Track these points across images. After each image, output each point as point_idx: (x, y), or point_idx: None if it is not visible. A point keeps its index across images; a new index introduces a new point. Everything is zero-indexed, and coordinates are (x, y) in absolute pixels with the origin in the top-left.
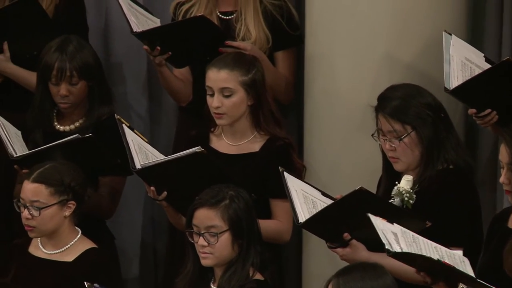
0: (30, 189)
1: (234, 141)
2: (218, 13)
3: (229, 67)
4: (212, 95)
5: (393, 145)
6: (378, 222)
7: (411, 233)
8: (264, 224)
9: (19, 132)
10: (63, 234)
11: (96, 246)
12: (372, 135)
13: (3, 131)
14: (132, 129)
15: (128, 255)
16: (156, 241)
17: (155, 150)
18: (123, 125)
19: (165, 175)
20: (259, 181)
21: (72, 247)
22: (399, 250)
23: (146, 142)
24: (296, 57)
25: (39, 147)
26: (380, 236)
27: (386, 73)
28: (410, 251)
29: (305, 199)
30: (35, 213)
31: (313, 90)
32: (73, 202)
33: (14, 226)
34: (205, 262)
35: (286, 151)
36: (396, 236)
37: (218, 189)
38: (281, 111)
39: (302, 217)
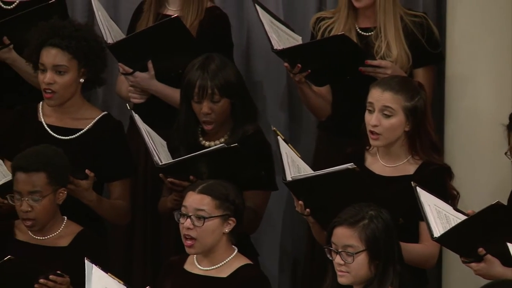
0: (196, 199)
1: (389, 162)
2: (358, 29)
3: (394, 90)
4: (371, 111)
5: None
6: None
7: None
8: (410, 248)
9: (164, 143)
10: (219, 251)
11: (251, 263)
12: (505, 153)
13: (149, 139)
14: (287, 143)
15: (269, 272)
16: (296, 256)
17: (307, 166)
18: (278, 137)
19: (314, 189)
20: (410, 205)
21: (228, 263)
22: None
23: (299, 157)
24: (435, 75)
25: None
26: None
27: None
28: None
29: (438, 214)
30: (198, 222)
31: (455, 110)
32: (233, 219)
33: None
34: (341, 280)
35: (441, 175)
36: None
37: (358, 208)
38: None
39: (437, 232)
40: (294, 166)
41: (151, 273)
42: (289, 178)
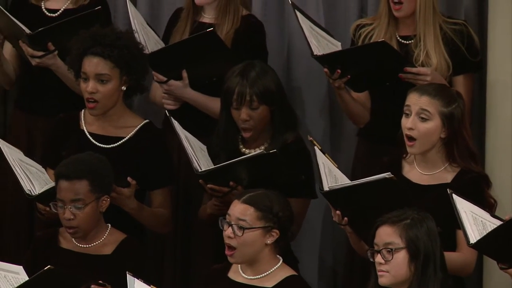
0: (240, 209)
1: (426, 170)
2: (398, 37)
3: (431, 95)
4: (408, 115)
5: None
6: None
7: None
8: (446, 256)
9: (204, 147)
10: (263, 261)
11: (296, 274)
12: None
13: (189, 146)
14: (324, 153)
15: (308, 279)
16: (336, 264)
17: (344, 176)
18: (315, 147)
19: (351, 199)
20: (447, 214)
21: (273, 273)
22: None
23: (336, 167)
24: (474, 83)
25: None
26: None
27: None
28: None
29: (475, 221)
30: (239, 232)
31: (496, 117)
32: (277, 231)
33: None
34: (382, 280)
35: (479, 183)
36: None
37: (403, 211)
38: None
39: (473, 238)
40: (331, 176)
41: (179, 278)
42: (326, 188)
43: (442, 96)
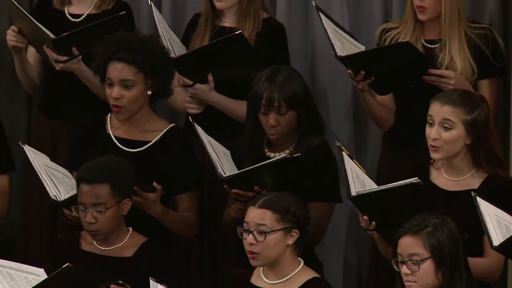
0: (257, 214)
1: (453, 176)
2: (423, 41)
3: (454, 104)
4: (432, 124)
5: None
6: None
7: None
8: (472, 261)
9: (227, 152)
10: (285, 263)
11: (319, 276)
12: None
13: (213, 151)
14: (352, 158)
15: (333, 284)
16: (361, 268)
17: (372, 181)
18: (343, 152)
19: (378, 204)
20: (475, 219)
21: (295, 276)
22: None
23: (364, 172)
24: (499, 87)
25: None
26: None
27: None
28: None
29: (498, 224)
30: (260, 237)
31: None
32: (296, 231)
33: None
34: None
35: (506, 189)
36: None
37: (422, 218)
38: None
39: (496, 241)
40: (358, 181)
41: (206, 281)
42: (353, 193)
43: (465, 104)
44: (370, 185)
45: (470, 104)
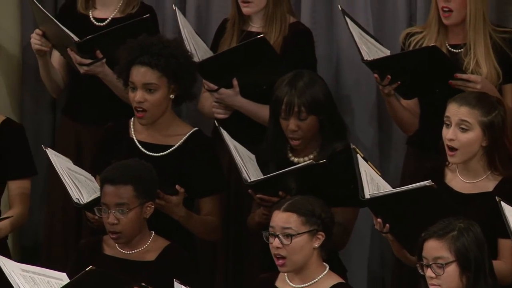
0: (282, 218)
1: (468, 178)
2: (448, 46)
3: (471, 105)
4: (448, 126)
5: None
6: None
7: None
8: None
9: (253, 156)
10: (311, 267)
11: (344, 281)
12: None
13: (238, 155)
14: (366, 161)
15: None
16: (385, 272)
17: (387, 184)
18: (358, 155)
19: (392, 207)
20: (489, 223)
21: (320, 281)
22: None
23: (379, 175)
24: None
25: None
26: None
27: None
28: None
29: None
30: (286, 241)
31: None
32: (322, 233)
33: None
34: None
35: None
36: None
37: (448, 221)
38: None
39: None
40: (373, 184)
41: (232, 286)
42: (367, 195)
43: (482, 105)
44: (385, 188)
45: (487, 106)
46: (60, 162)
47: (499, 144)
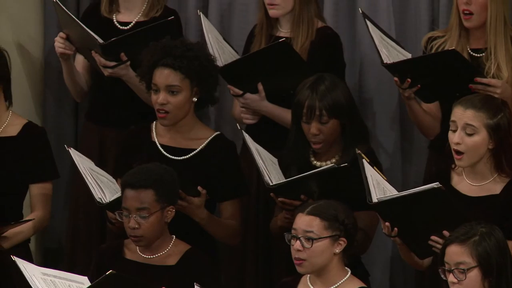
0: (305, 221)
1: (475, 181)
2: (469, 50)
3: (476, 108)
4: (455, 131)
5: None
6: None
7: None
8: None
9: (275, 160)
10: (332, 272)
11: (366, 286)
12: None
13: (260, 159)
14: (372, 165)
15: None
16: (407, 277)
17: (393, 188)
18: (363, 160)
19: (400, 210)
20: (497, 225)
21: (341, 285)
22: None
23: (385, 180)
24: None
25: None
26: None
27: None
28: None
29: None
30: (307, 244)
31: None
32: (344, 239)
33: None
34: None
35: None
36: None
37: (469, 226)
38: None
39: None
40: (379, 188)
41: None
42: (374, 199)
43: (487, 108)
44: (391, 192)
45: (493, 108)
46: (83, 162)
47: (506, 146)
